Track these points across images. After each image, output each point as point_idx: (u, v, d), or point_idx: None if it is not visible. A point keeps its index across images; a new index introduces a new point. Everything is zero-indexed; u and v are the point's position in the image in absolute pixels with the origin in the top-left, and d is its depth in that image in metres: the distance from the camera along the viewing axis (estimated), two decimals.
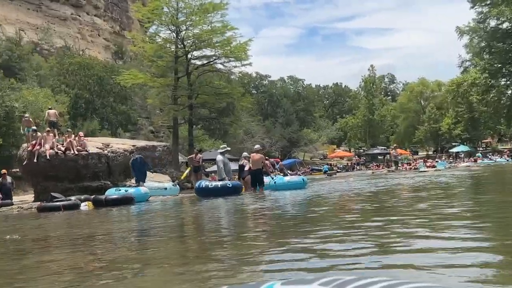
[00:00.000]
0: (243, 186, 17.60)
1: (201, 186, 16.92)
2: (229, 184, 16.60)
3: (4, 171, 19.50)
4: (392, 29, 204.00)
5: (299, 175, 46.16)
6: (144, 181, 18.80)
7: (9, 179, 19.24)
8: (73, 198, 16.11)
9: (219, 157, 17.71)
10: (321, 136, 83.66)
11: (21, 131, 24.45)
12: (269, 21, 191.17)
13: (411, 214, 6.38)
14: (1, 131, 38.81)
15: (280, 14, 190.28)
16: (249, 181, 18.54)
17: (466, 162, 40.34)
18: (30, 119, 24.67)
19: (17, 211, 16.14)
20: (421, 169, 30.66)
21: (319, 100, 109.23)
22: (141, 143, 27.85)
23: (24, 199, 25.61)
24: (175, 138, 31.81)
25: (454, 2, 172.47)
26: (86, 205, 15.15)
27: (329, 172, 45.66)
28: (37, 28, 66.74)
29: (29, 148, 23.06)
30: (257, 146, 19.86)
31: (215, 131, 61.13)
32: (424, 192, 11.72)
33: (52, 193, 16.15)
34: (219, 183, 16.68)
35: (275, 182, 18.21)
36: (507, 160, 45.35)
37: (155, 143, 29.63)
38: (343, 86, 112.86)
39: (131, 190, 16.81)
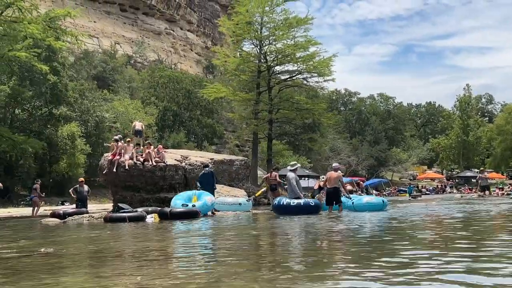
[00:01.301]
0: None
1: (281, 203, 16.23)
2: (312, 203, 15.99)
3: (81, 179, 20.02)
4: (491, 48, 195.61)
5: (385, 195, 44.74)
6: (213, 194, 18.51)
7: (85, 187, 19.70)
8: (140, 209, 16.01)
9: (291, 175, 16.91)
10: (411, 156, 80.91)
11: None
12: (363, 38, 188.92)
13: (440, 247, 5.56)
14: (91, 140, 40.33)
15: (374, 31, 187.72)
16: None
17: None
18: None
19: (88, 220, 16.29)
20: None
21: (411, 119, 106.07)
22: (220, 156, 27.82)
23: (106, 207, 26.33)
24: (254, 153, 31.59)
25: None
26: (152, 217, 15.04)
27: (413, 194, 43.73)
28: (132, 41, 69.51)
29: (109, 158, 23.59)
30: (335, 164, 18.99)
31: (299, 147, 60.54)
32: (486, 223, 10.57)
33: (119, 204, 16.18)
34: (302, 201, 15.95)
35: (353, 203, 17.39)
36: None
37: (233, 157, 29.53)
38: (436, 105, 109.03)
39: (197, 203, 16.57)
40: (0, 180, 33.09)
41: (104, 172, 24.14)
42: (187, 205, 16.66)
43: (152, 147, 24.04)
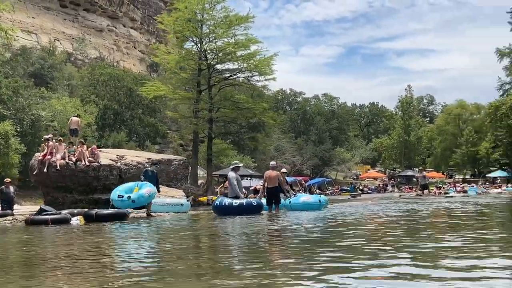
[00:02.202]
0: None
1: (223, 203, 15.74)
2: (254, 203, 15.60)
3: (8, 179, 18.93)
4: (433, 50, 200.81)
5: (328, 194, 44.99)
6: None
7: (11, 188, 18.63)
8: (65, 211, 15.25)
9: (232, 174, 16.46)
10: (354, 155, 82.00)
11: None
12: (309, 40, 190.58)
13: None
14: (26, 139, 38.80)
15: (320, 33, 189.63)
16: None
17: (498, 189, 38.21)
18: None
19: (10, 222, 15.36)
20: (449, 194, 29.02)
21: (355, 119, 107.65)
22: (157, 156, 27.11)
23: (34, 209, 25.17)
24: (195, 152, 31.03)
25: (496, 24, 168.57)
26: (78, 219, 14.32)
27: (353, 193, 44.22)
28: (72, 38, 67.48)
29: (39, 158, 22.56)
30: (272, 163, 18.68)
31: (244, 147, 60.22)
32: (414, 221, 10.53)
33: (42, 206, 15.33)
34: (244, 201, 15.59)
35: (290, 202, 17.18)
36: None
37: (172, 156, 28.88)
38: (379, 106, 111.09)
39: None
40: None
41: (34, 173, 23.10)
42: (122, 197, 16.06)
43: (85, 146, 23.15)
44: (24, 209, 29.05)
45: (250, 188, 19.86)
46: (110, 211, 14.60)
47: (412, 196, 32.34)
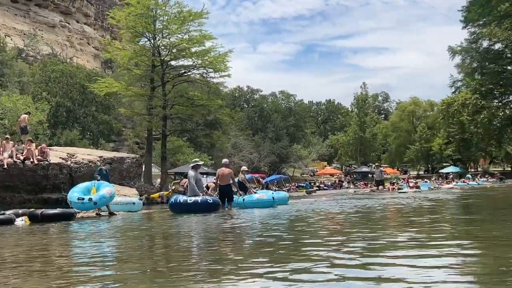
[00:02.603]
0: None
1: (178, 201, 15.60)
2: (210, 200, 15.41)
3: None
4: (388, 48, 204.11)
5: (284, 191, 45.01)
6: None
7: None
8: (8, 212, 14.71)
9: (191, 173, 16.29)
10: (311, 152, 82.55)
11: None
12: (267, 37, 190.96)
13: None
14: None
15: (277, 30, 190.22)
16: None
17: (449, 184, 39.01)
18: None
19: None
20: (402, 190, 29.45)
21: (312, 116, 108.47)
22: (109, 154, 26.63)
23: None
24: (149, 150, 30.55)
25: (449, 23, 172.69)
26: (22, 220, 13.83)
27: (307, 190, 44.44)
28: (24, 34, 65.71)
29: None
30: (224, 160, 18.56)
31: (201, 144, 59.80)
32: (361, 216, 10.59)
33: None
34: (199, 198, 15.32)
35: (243, 200, 17.09)
36: (478, 183, 44.19)
37: (124, 154, 28.36)
38: (336, 103, 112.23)
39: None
40: None
41: None
42: (83, 199, 15.66)
43: (34, 144, 22.50)
44: None
45: (204, 186, 19.56)
46: (56, 211, 14.17)
47: (366, 192, 32.71)
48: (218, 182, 17.29)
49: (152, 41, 28.78)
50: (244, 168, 20.32)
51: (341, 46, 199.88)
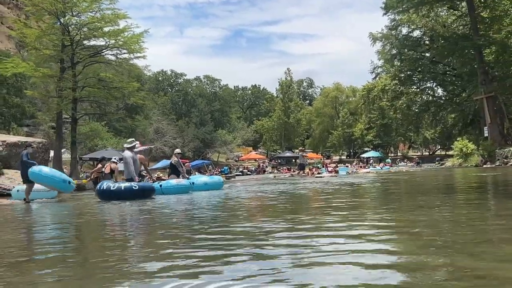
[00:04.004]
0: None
1: (102, 187, 14.62)
2: (135, 186, 14.34)
3: None
4: (314, 35, 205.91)
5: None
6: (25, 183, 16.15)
7: None
8: None
9: (128, 153, 15.13)
10: (236, 137, 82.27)
11: None
12: (194, 21, 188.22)
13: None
14: None
15: (204, 14, 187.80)
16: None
17: (366, 169, 39.74)
18: None
19: None
20: (320, 174, 29.58)
21: (237, 101, 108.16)
22: (13, 138, 25.03)
23: None
24: (59, 134, 28.97)
25: (373, 11, 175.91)
26: None
27: (226, 175, 44.08)
28: None
29: None
30: (136, 144, 17.68)
31: (121, 129, 58.11)
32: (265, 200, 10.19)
33: None
34: (123, 185, 14.39)
35: (161, 186, 16.45)
36: (388, 168, 45.72)
37: (30, 138, 26.83)
38: (261, 89, 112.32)
39: None
40: None
41: None
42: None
43: None
44: None
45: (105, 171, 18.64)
46: None
47: (285, 177, 32.65)
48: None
49: (61, 19, 27.15)
50: (178, 150, 19.47)
51: (269, 32, 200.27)
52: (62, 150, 31.87)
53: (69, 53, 27.61)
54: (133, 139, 16.42)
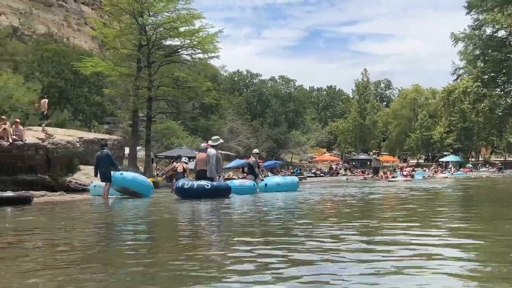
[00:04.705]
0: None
1: (178, 185, 14.61)
2: (207, 185, 14.03)
3: None
4: (393, 35, 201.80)
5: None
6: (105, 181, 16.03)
7: None
8: None
9: (212, 151, 15.01)
10: (310, 139, 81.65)
11: None
12: (271, 22, 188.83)
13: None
14: None
15: (282, 16, 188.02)
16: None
17: (443, 173, 38.16)
18: None
19: None
20: (394, 178, 28.64)
21: (312, 102, 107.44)
22: (90, 135, 25.78)
23: None
24: (134, 132, 29.66)
25: (454, 10, 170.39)
26: None
27: (297, 176, 43.54)
28: (20, 12, 64.68)
29: None
30: (203, 145, 17.68)
31: (197, 128, 58.98)
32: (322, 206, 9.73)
33: None
34: (196, 183, 14.21)
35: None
36: (466, 174, 43.44)
37: (105, 136, 27.54)
38: (337, 89, 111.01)
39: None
40: None
41: None
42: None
43: (8, 123, 21.67)
44: None
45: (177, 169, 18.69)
46: (10, 194, 13.27)
47: (357, 180, 31.93)
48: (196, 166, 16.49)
49: (138, 19, 27.71)
50: (256, 150, 19.29)
51: (347, 32, 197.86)
52: (138, 148, 32.59)
53: (145, 53, 28.19)
54: (218, 137, 16.12)
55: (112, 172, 15.74)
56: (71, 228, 7.51)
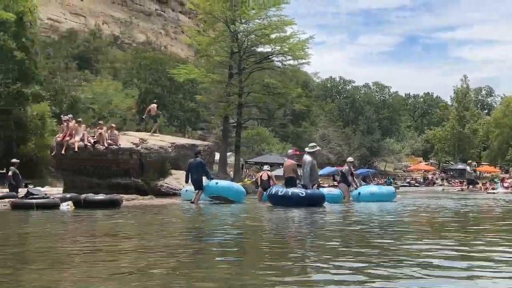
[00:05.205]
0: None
1: (271, 192, 14.31)
2: (302, 193, 13.51)
3: (14, 160, 18.10)
4: (495, 41, 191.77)
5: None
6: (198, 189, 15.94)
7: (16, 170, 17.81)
8: (57, 196, 14.44)
9: (307, 158, 14.59)
10: (405, 147, 79.29)
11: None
12: (367, 28, 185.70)
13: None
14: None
15: (378, 21, 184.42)
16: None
17: None
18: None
19: (4, 205, 14.43)
20: (494, 190, 26.96)
21: (408, 109, 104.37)
22: (181, 141, 26.27)
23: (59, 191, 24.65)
24: (224, 138, 29.98)
25: None
26: (68, 205, 13.44)
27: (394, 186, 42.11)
28: (121, 22, 67.71)
29: (58, 139, 21.99)
30: (289, 151, 17.34)
31: (287, 134, 58.96)
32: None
33: (30, 189, 14.50)
34: (290, 191, 13.75)
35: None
36: None
37: (197, 141, 27.92)
38: (434, 96, 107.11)
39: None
40: None
41: (52, 154, 22.65)
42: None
43: (104, 127, 22.47)
44: (53, 189, 28.85)
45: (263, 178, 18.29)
46: (100, 197, 13.60)
47: (454, 191, 30.40)
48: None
49: (230, 26, 27.95)
50: (350, 159, 18.78)
51: (446, 38, 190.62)
52: (228, 154, 32.92)
53: (236, 60, 28.42)
54: (315, 144, 15.69)
55: (205, 180, 15.79)
56: (162, 232, 7.56)
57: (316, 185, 16.99)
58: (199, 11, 30.37)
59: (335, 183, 37.02)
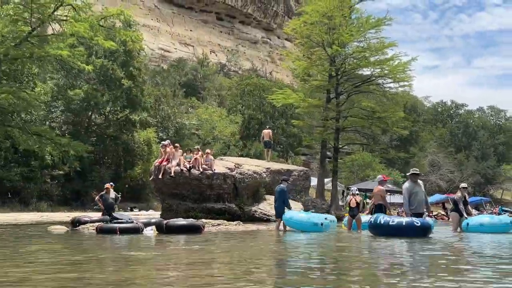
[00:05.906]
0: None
1: (377, 221, 13.10)
2: (417, 222, 12.38)
3: (107, 185, 18.54)
4: None
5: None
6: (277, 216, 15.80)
7: (112, 194, 18.21)
8: (141, 220, 14.55)
9: (405, 185, 13.82)
10: None
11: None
12: (483, 51, 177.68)
13: None
14: None
15: (494, 43, 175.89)
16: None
17: None
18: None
19: (93, 229, 14.67)
20: None
21: None
22: (277, 166, 26.04)
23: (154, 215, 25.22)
24: (322, 163, 29.33)
25: None
26: (152, 229, 13.46)
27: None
28: (227, 50, 69.45)
29: (156, 164, 22.56)
30: (379, 177, 16.47)
31: (395, 160, 56.95)
32: None
33: (114, 213, 14.71)
34: (404, 220, 12.72)
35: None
36: None
37: (292, 166, 27.57)
38: None
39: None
40: (73, 185, 33.64)
41: (151, 178, 23.24)
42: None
43: (200, 153, 22.75)
44: (148, 213, 29.69)
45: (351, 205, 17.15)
46: (183, 222, 13.46)
47: None
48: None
49: (327, 49, 27.47)
50: (463, 185, 17.35)
51: None
52: (327, 180, 32.22)
53: (334, 83, 27.84)
54: (417, 169, 14.65)
55: (286, 210, 15.37)
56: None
57: (427, 213, 15.72)
58: (296, 36, 30.23)
59: (446, 210, 35.03)
